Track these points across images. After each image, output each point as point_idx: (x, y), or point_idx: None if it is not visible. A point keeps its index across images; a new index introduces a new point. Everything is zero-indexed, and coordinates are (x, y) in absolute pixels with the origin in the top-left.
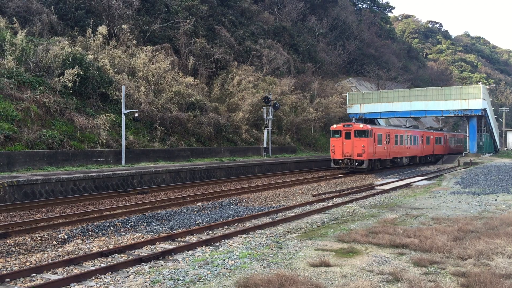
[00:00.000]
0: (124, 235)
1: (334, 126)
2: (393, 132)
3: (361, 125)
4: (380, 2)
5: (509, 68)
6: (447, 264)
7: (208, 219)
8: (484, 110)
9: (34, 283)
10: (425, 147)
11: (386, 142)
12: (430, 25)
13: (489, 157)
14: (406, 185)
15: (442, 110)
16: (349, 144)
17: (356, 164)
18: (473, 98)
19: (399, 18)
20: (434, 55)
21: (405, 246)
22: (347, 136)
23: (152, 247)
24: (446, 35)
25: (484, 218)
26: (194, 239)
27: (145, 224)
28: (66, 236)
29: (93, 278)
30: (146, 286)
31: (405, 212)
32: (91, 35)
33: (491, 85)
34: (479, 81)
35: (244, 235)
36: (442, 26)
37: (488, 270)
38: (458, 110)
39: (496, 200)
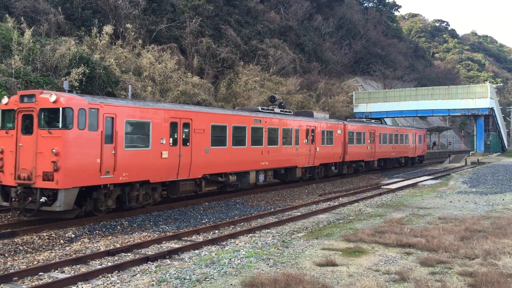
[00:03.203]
0: (131, 234)
1: (5, 100)
2: (219, 117)
3: (52, 96)
4: (387, 1)
5: None
6: (454, 264)
7: (214, 218)
8: (492, 109)
9: (41, 281)
10: (318, 150)
11: (178, 142)
12: (437, 24)
13: (496, 156)
14: (413, 185)
15: (449, 109)
16: (29, 148)
17: (42, 199)
18: (480, 97)
19: (406, 17)
20: (441, 54)
21: (411, 246)
22: (26, 127)
23: (158, 246)
24: (453, 34)
25: (492, 218)
26: (200, 238)
27: (151, 223)
28: (73, 235)
29: (100, 277)
30: (153, 285)
31: (411, 211)
32: (97, 34)
33: (498, 84)
34: (486, 80)
35: (250, 235)
36: (449, 25)
37: (495, 270)
38: (465, 109)
39: (503, 199)
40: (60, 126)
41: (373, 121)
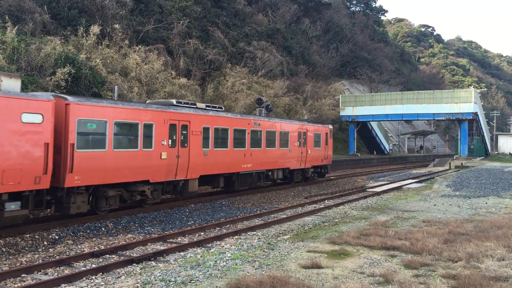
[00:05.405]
0: (116, 236)
1: None
2: None
3: None
4: (373, 6)
5: (500, 72)
6: (437, 267)
7: (200, 220)
8: (476, 113)
9: (24, 283)
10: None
11: None
12: (423, 29)
13: (480, 160)
14: (398, 188)
15: (434, 114)
16: None
17: None
18: (464, 102)
19: (392, 22)
20: (426, 59)
21: (396, 248)
22: None
23: (143, 248)
24: (438, 39)
25: (475, 221)
26: (185, 240)
27: (137, 225)
28: (57, 237)
29: (84, 278)
30: (138, 287)
31: (396, 214)
32: (84, 34)
33: (482, 89)
34: (470, 85)
35: (236, 237)
36: (434, 30)
37: (478, 272)
38: (450, 113)
39: (486, 203)
40: None
41: (195, 105)
